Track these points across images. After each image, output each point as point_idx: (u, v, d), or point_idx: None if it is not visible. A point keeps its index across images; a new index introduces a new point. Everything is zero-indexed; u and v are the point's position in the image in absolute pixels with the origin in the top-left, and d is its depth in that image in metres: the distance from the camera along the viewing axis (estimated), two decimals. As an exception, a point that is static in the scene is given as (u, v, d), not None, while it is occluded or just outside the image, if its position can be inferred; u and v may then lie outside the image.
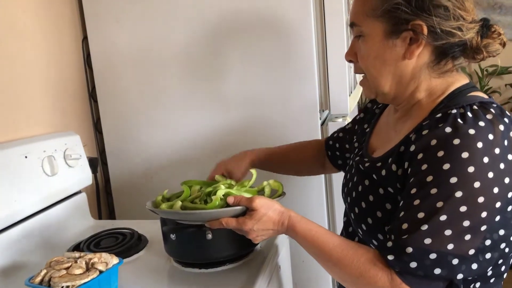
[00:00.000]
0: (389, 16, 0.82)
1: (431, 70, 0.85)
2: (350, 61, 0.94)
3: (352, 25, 0.89)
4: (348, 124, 1.20)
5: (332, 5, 1.32)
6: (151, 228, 1.25)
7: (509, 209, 0.74)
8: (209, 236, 0.99)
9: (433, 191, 0.73)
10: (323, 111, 1.43)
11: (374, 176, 0.88)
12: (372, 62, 0.87)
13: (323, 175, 1.41)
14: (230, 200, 0.93)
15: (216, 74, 1.43)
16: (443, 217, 0.71)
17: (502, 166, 0.72)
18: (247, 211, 0.91)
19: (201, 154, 1.49)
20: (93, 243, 1.18)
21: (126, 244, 1.17)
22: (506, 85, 2.96)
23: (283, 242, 1.21)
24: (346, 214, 1.05)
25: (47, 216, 1.25)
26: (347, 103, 1.39)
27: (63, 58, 1.47)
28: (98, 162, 1.54)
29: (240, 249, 1.05)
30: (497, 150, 0.72)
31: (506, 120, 0.76)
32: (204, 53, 1.43)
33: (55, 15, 1.43)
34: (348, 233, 1.02)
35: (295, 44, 1.35)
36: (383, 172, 0.85)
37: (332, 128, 1.37)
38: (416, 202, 0.74)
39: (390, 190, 0.84)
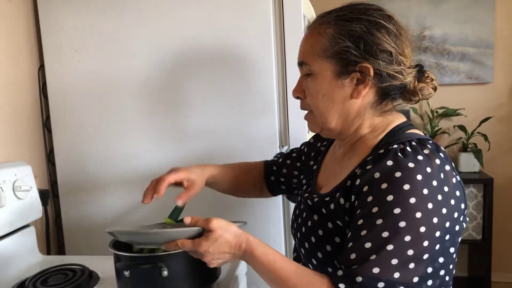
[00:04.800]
0: (339, 57, 0.88)
1: (374, 109, 0.92)
2: (297, 98, 0.98)
3: (301, 64, 0.94)
4: (288, 158, 1.21)
5: (293, 42, 1.35)
6: (103, 265, 1.20)
7: (447, 238, 0.79)
8: (165, 273, 0.95)
9: (379, 221, 0.77)
10: (282, 146, 1.44)
11: (323, 210, 0.91)
12: (320, 100, 0.92)
13: (281, 207, 1.41)
14: (187, 220, 0.90)
15: (176, 107, 1.42)
16: (389, 247, 0.75)
17: (440, 197, 0.78)
18: (204, 232, 0.88)
19: (158, 188, 1.45)
20: (40, 280, 1.12)
21: (76, 281, 1.11)
22: (454, 126, 3.09)
23: (242, 274, 1.19)
24: (295, 250, 1.06)
25: (-10, 251, 1.17)
26: (306, 139, 1.41)
27: (17, 86, 1.42)
28: (49, 195, 1.47)
29: (197, 285, 1.02)
30: (434, 183, 0.78)
31: (441, 155, 0.82)
32: (164, 86, 1.42)
33: (10, 42, 1.39)
34: None
35: (256, 80, 1.37)
36: (332, 206, 0.89)
37: (291, 163, 1.37)
38: (363, 232, 0.78)
39: (339, 223, 0.87)
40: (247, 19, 1.34)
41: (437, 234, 0.77)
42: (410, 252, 0.75)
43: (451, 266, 0.84)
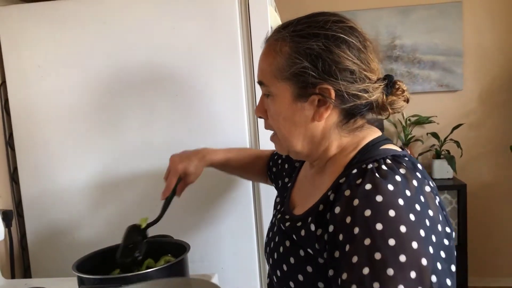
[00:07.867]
0: (296, 79, 0.81)
1: (340, 129, 0.84)
2: (260, 117, 0.92)
3: (260, 83, 0.88)
4: (280, 158, 1.18)
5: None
6: (69, 287, 1.15)
7: (453, 268, 0.72)
8: (131, 294, 0.92)
9: (377, 256, 0.67)
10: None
11: (294, 236, 0.84)
12: (282, 123, 0.86)
13: (254, 223, 1.39)
14: None
15: (142, 121, 1.39)
16: (400, 287, 0.65)
17: (427, 223, 0.71)
18: None
19: (125, 207, 1.42)
20: (1, 307, 1.07)
21: (38, 306, 1.07)
22: (427, 133, 3.13)
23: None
24: (269, 276, 0.98)
25: None
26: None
27: (-23, 104, 1.38)
28: (12, 215, 1.42)
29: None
30: (417, 207, 0.71)
31: (418, 174, 0.75)
32: (129, 99, 1.39)
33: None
34: None
35: (224, 92, 1.35)
36: (303, 233, 0.81)
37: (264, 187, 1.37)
38: (366, 271, 0.67)
39: (309, 251, 0.80)
40: (214, 31, 1.33)
41: (439, 265, 0.68)
42: None
43: None
